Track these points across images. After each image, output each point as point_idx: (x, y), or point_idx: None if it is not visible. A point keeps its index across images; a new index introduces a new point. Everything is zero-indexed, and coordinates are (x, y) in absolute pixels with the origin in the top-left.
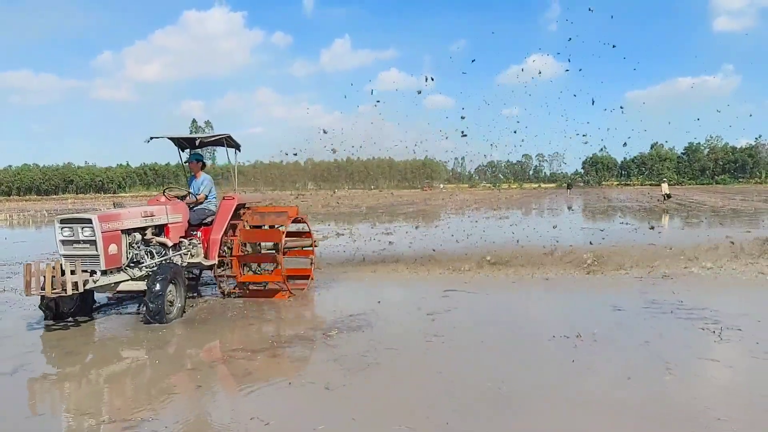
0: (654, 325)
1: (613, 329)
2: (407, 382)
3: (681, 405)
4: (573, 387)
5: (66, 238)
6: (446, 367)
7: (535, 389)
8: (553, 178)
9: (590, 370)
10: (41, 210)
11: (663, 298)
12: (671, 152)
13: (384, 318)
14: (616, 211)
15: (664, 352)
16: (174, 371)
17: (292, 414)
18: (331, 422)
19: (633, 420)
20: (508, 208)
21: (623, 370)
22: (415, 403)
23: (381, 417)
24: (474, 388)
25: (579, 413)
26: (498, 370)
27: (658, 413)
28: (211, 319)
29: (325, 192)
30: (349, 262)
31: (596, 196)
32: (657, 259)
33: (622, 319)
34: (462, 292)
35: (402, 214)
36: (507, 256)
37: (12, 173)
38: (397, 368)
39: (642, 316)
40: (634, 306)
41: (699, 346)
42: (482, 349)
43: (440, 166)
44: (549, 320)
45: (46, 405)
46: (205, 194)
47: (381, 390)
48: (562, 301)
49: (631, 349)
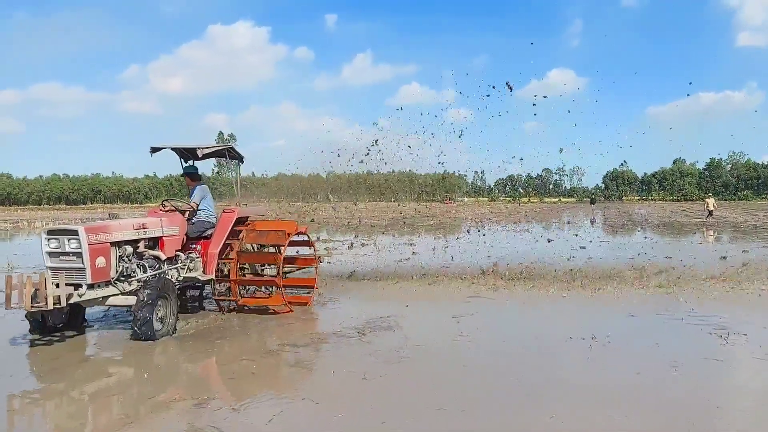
0: (665, 330)
1: (626, 333)
2: (436, 373)
3: (684, 395)
4: (586, 380)
5: (52, 250)
6: (471, 362)
7: (552, 381)
8: (573, 193)
9: (603, 366)
10: (74, 218)
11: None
12: (693, 167)
13: (411, 320)
14: (683, 233)
15: (673, 353)
16: (252, 358)
17: (336, 397)
18: (370, 404)
19: (640, 406)
20: (535, 221)
21: (633, 366)
22: (444, 391)
23: (413, 401)
24: (497, 379)
25: (591, 402)
26: (518, 364)
27: (663, 402)
28: (248, 322)
29: (347, 204)
30: (373, 271)
31: (623, 211)
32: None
33: (635, 324)
34: (484, 298)
35: (423, 227)
36: (538, 271)
37: (42, 183)
38: (427, 362)
39: (654, 321)
40: (647, 313)
41: (705, 348)
42: (504, 347)
43: (460, 179)
44: (566, 325)
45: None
46: (196, 202)
47: (413, 379)
48: (579, 309)
49: (641, 350)
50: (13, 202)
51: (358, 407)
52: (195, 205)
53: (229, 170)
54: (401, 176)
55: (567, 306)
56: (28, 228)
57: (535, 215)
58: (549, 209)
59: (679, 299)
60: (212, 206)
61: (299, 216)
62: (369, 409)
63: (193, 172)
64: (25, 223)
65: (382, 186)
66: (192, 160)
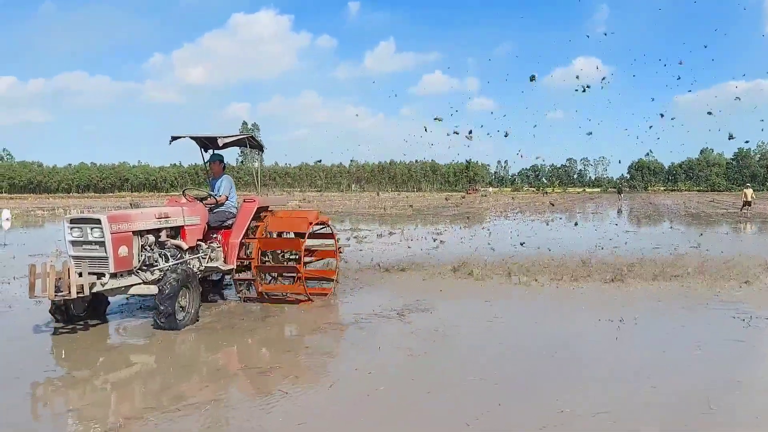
0: (690, 314)
1: (653, 316)
2: (475, 350)
3: (706, 369)
4: (614, 356)
5: (75, 239)
6: (506, 339)
7: (582, 357)
8: (598, 183)
9: (630, 345)
10: (106, 206)
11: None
12: (720, 157)
13: (446, 304)
14: (711, 223)
15: (697, 334)
16: (301, 334)
17: (386, 369)
18: (418, 376)
19: (664, 381)
20: (571, 214)
21: (659, 345)
22: (483, 365)
23: (455, 373)
24: (532, 354)
25: (617, 375)
26: (551, 342)
27: (686, 377)
28: (280, 309)
29: (370, 194)
30: (404, 258)
31: (647, 202)
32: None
33: (661, 309)
34: (517, 284)
35: (448, 216)
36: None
37: (71, 171)
38: (465, 339)
39: (679, 306)
40: (673, 298)
41: (729, 330)
42: (537, 327)
43: (483, 169)
44: (595, 309)
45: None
46: (226, 195)
47: (453, 355)
48: (607, 295)
49: (667, 331)
50: (44, 190)
51: (405, 378)
52: (225, 198)
53: (253, 160)
54: (424, 166)
55: (595, 292)
56: (65, 215)
57: (561, 205)
58: (574, 199)
59: (705, 286)
60: (235, 196)
61: (321, 205)
62: (415, 380)
63: (221, 159)
64: (61, 211)
65: (405, 176)
66: (211, 149)
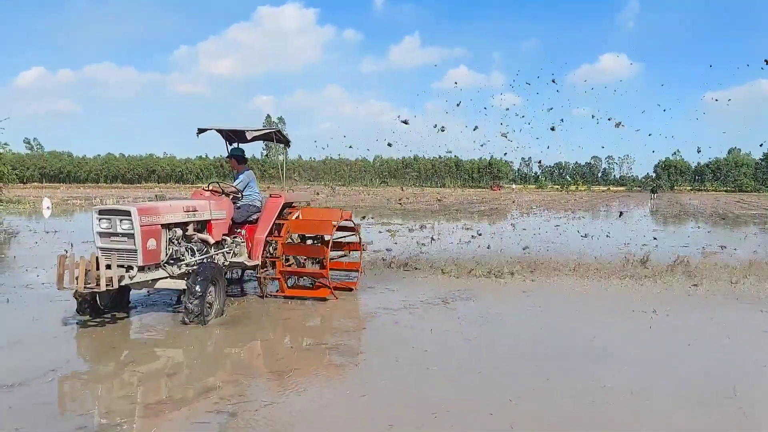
0: (720, 307)
1: (685, 308)
2: (518, 333)
3: (734, 357)
4: (647, 344)
5: (103, 231)
6: (546, 326)
7: (617, 344)
8: (623, 181)
9: (663, 334)
10: (138, 197)
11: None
12: (748, 157)
13: (487, 293)
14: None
15: (726, 325)
16: (353, 318)
17: (441, 347)
18: (472, 354)
19: (693, 362)
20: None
21: (690, 334)
22: (525, 347)
23: (501, 353)
24: (570, 339)
25: (651, 359)
26: (588, 330)
27: (713, 361)
28: (311, 302)
29: (394, 189)
30: (439, 251)
31: (674, 202)
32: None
33: (692, 302)
34: (555, 276)
35: (474, 212)
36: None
37: (100, 162)
38: (509, 325)
39: (710, 300)
40: (704, 293)
41: (758, 323)
42: (575, 316)
43: (506, 165)
44: (629, 300)
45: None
46: (239, 188)
47: (500, 336)
48: (642, 288)
49: (698, 322)
50: (73, 180)
51: (457, 357)
52: (235, 189)
53: (278, 153)
54: (448, 162)
55: (630, 285)
56: (101, 205)
57: (585, 203)
58: (600, 198)
59: (735, 282)
60: (257, 191)
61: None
62: (466, 360)
63: (240, 155)
64: (98, 200)
65: (428, 171)
66: (237, 142)
